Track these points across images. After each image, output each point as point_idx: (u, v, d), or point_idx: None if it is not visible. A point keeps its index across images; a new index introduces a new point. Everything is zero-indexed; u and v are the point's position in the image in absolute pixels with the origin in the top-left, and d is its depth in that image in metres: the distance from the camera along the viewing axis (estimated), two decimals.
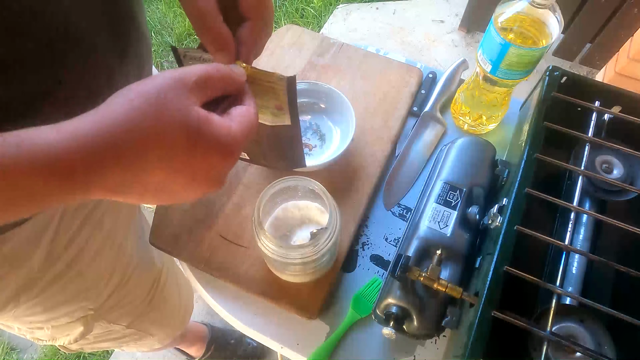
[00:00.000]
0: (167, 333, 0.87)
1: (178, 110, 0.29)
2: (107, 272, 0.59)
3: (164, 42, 1.90)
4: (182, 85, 0.30)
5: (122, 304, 0.65)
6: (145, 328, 0.76)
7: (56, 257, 0.50)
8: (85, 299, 0.59)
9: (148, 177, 0.29)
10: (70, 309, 0.58)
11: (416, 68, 0.73)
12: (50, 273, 0.51)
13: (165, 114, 0.28)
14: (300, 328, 0.55)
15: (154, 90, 0.28)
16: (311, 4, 1.99)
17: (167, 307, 0.79)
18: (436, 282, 0.45)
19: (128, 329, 0.71)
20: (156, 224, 0.61)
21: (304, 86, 0.66)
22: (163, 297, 0.75)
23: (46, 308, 0.55)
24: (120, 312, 0.66)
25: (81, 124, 0.26)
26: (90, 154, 0.26)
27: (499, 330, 0.39)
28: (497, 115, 0.66)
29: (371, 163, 0.64)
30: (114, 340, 0.73)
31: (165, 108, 0.28)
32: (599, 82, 0.54)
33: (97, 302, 0.61)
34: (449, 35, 1.88)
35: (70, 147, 0.25)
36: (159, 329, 0.82)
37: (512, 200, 0.45)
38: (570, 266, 0.48)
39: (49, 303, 0.54)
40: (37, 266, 0.49)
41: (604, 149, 0.50)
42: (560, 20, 0.52)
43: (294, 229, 0.55)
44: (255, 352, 1.23)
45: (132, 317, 0.70)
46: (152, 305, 0.72)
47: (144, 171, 0.29)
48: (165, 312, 0.80)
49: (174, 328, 0.89)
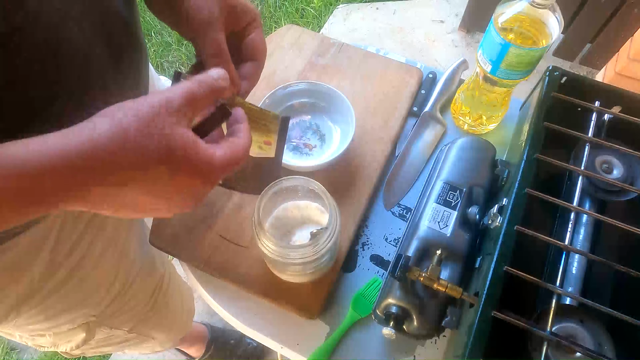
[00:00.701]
0: (169, 337, 0.86)
1: (165, 136, 0.29)
2: (109, 278, 0.59)
3: (164, 42, 1.90)
4: (167, 109, 0.30)
5: (124, 310, 0.65)
6: (147, 332, 0.76)
7: (57, 265, 0.50)
8: (87, 306, 0.58)
9: (126, 197, 0.30)
10: (72, 316, 0.58)
11: (416, 68, 0.73)
12: (51, 282, 0.50)
13: (151, 144, 0.29)
14: (300, 328, 0.55)
15: (141, 117, 0.29)
16: (311, 4, 1.99)
17: (170, 311, 0.79)
18: (436, 282, 0.45)
19: (130, 333, 0.71)
20: (156, 224, 0.61)
21: (304, 86, 0.66)
22: (165, 302, 0.75)
23: (48, 316, 0.54)
24: (122, 317, 0.66)
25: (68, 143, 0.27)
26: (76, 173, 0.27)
27: (499, 330, 0.39)
28: (497, 115, 0.66)
29: (371, 163, 0.64)
30: (116, 344, 0.73)
31: (151, 136, 0.29)
32: (599, 82, 0.54)
33: (99, 309, 0.60)
34: (449, 35, 1.88)
35: (56, 166, 0.26)
36: (161, 333, 0.82)
37: (512, 200, 0.45)
38: (570, 266, 0.48)
39: (51, 311, 0.54)
40: (38, 275, 0.48)
41: (604, 149, 0.50)
42: (560, 20, 0.52)
43: (294, 229, 0.55)
44: (255, 352, 1.23)
45: (134, 322, 0.70)
46: (155, 309, 0.72)
47: (124, 192, 0.30)
48: (168, 316, 0.79)
49: (177, 332, 0.88)
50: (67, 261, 0.50)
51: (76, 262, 0.52)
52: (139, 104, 0.30)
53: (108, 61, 0.41)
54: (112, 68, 0.42)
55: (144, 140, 0.29)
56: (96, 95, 0.40)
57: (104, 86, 0.41)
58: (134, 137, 0.28)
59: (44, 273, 0.49)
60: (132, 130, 0.28)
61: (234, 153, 0.34)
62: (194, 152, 0.31)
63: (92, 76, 0.39)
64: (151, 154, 0.29)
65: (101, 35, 0.39)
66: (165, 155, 0.29)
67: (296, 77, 0.72)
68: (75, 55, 0.36)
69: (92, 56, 0.38)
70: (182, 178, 0.31)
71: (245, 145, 0.35)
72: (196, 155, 0.31)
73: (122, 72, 0.44)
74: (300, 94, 0.66)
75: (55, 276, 0.50)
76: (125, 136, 0.28)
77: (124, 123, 0.28)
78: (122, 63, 0.43)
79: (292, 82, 0.66)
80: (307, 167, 0.60)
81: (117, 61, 0.42)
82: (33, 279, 0.48)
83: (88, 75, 0.39)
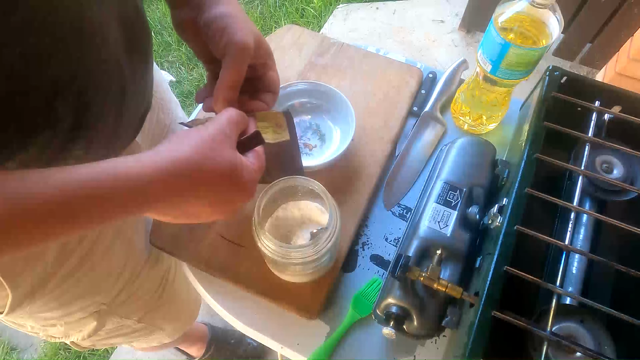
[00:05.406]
0: (177, 327, 0.88)
1: (226, 157, 0.38)
2: (118, 267, 0.61)
3: (164, 42, 1.90)
4: (224, 136, 0.39)
5: (133, 299, 0.66)
6: (155, 322, 0.77)
7: (69, 251, 0.52)
8: (98, 293, 0.60)
9: (192, 208, 0.38)
10: (84, 304, 0.59)
11: (416, 68, 0.73)
12: (64, 268, 0.52)
13: (219, 164, 0.37)
14: (300, 328, 0.55)
15: (208, 139, 0.37)
16: (311, 4, 1.99)
17: (177, 301, 0.80)
18: (436, 282, 0.45)
19: (139, 323, 0.72)
20: (156, 223, 0.61)
21: (304, 86, 0.66)
22: (173, 291, 0.76)
23: (61, 303, 0.56)
24: (131, 306, 0.67)
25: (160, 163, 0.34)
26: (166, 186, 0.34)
27: (499, 330, 0.39)
28: (497, 115, 0.66)
29: (371, 163, 0.64)
30: (125, 335, 0.74)
31: (218, 158, 0.37)
32: (599, 82, 0.54)
33: (109, 297, 0.62)
34: (449, 35, 1.88)
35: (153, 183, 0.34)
36: (169, 323, 0.83)
37: (512, 200, 0.45)
38: (570, 266, 0.48)
39: (64, 298, 0.56)
40: (51, 261, 0.50)
41: (604, 149, 0.50)
42: (560, 20, 0.52)
43: (294, 229, 0.55)
44: (255, 352, 1.23)
45: (143, 312, 0.71)
46: (163, 299, 0.74)
47: (191, 203, 0.37)
48: (175, 306, 0.81)
49: (184, 322, 0.90)
50: (78, 247, 0.52)
51: (87, 249, 0.53)
52: (201, 132, 0.38)
53: (123, 45, 0.43)
54: (125, 52, 0.43)
55: (215, 163, 0.36)
56: (112, 77, 0.42)
57: (120, 69, 0.43)
58: (209, 158, 0.36)
59: (57, 259, 0.51)
60: (206, 152, 0.36)
61: (261, 162, 0.42)
62: (247, 169, 0.39)
63: (109, 58, 0.41)
64: (221, 172, 0.37)
65: (117, 19, 0.41)
66: (229, 173, 0.37)
67: (296, 77, 0.72)
68: (95, 36, 0.38)
69: (109, 39, 0.40)
70: (236, 190, 0.39)
71: (262, 150, 0.44)
72: (248, 171, 0.39)
73: (134, 56, 0.45)
74: (300, 94, 0.66)
75: (67, 263, 0.52)
76: (201, 158, 0.36)
77: (198, 148, 0.36)
78: (134, 48, 0.45)
79: (292, 82, 0.66)
80: (307, 167, 0.60)
81: (130, 45, 0.44)
82: (46, 264, 0.50)
83: (105, 57, 0.40)
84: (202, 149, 0.36)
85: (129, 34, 0.44)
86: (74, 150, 0.41)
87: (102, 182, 0.31)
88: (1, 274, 0.46)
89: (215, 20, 0.45)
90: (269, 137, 0.48)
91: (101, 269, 0.57)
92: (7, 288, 0.48)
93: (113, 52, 0.41)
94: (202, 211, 0.39)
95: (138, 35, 0.46)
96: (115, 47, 0.41)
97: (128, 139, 0.51)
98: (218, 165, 0.37)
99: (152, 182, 0.33)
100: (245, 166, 0.39)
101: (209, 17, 0.45)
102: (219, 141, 0.38)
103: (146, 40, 0.49)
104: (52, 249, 0.50)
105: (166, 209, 0.37)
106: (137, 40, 0.46)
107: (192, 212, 0.39)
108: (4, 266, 0.46)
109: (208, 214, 0.40)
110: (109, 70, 0.41)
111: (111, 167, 0.32)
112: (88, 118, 0.40)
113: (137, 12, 0.45)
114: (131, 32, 0.44)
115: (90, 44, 0.37)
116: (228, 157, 0.37)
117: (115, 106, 0.44)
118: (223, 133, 0.38)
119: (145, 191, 0.33)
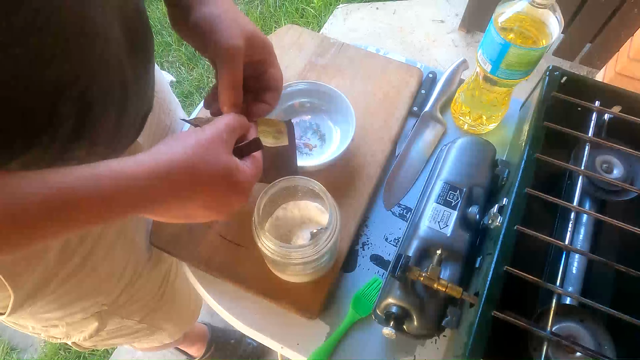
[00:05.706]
0: (179, 327, 0.88)
1: (222, 161, 0.38)
2: (120, 267, 0.61)
3: (164, 42, 1.90)
4: (220, 140, 0.39)
5: (134, 299, 0.66)
6: (157, 323, 0.77)
7: (71, 252, 0.52)
8: (99, 294, 0.60)
9: (187, 209, 0.39)
10: (86, 305, 0.59)
11: (416, 68, 0.73)
12: (66, 269, 0.52)
13: (215, 168, 0.38)
14: (300, 328, 0.55)
15: (205, 146, 0.38)
16: (311, 4, 1.99)
17: (178, 301, 0.80)
18: (436, 282, 0.45)
19: (140, 324, 0.72)
20: (157, 224, 0.61)
21: (304, 86, 0.66)
22: (174, 291, 0.76)
23: (62, 304, 0.56)
24: (133, 307, 0.67)
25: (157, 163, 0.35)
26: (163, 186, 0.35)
27: (499, 330, 0.39)
28: (497, 115, 0.66)
29: (371, 163, 0.64)
30: (127, 336, 0.74)
31: (215, 162, 0.38)
32: (599, 82, 0.54)
33: (111, 298, 0.62)
34: (449, 35, 1.88)
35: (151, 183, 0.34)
36: (171, 324, 0.83)
37: (512, 200, 0.45)
38: (571, 266, 0.48)
39: (65, 299, 0.56)
40: (53, 262, 0.50)
41: (604, 149, 0.50)
42: (560, 20, 0.52)
43: (294, 229, 0.55)
44: (255, 352, 1.23)
45: (144, 312, 0.71)
46: (164, 299, 0.74)
47: (187, 204, 0.38)
48: (176, 306, 0.81)
49: (185, 322, 0.90)
50: (80, 248, 0.52)
51: (88, 250, 0.53)
52: (199, 135, 0.38)
53: (125, 45, 0.43)
54: (128, 52, 0.43)
55: (210, 165, 0.37)
56: (115, 78, 0.42)
57: (122, 70, 0.43)
58: (205, 161, 0.37)
59: (59, 259, 0.51)
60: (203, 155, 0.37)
61: (257, 168, 0.43)
62: (243, 173, 0.40)
63: (111, 59, 0.41)
64: (217, 174, 0.38)
65: (119, 19, 0.41)
66: (225, 176, 0.38)
67: (296, 77, 0.72)
68: (97, 36, 0.38)
69: (111, 40, 0.40)
70: (231, 193, 0.40)
71: (260, 156, 0.44)
72: (244, 175, 0.40)
73: (136, 56, 0.45)
74: (300, 94, 0.66)
75: (69, 264, 0.52)
76: (198, 161, 0.37)
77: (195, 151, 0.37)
78: (137, 48, 0.45)
79: (292, 82, 0.66)
80: (307, 167, 0.60)
81: (132, 46, 0.44)
82: (48, 265, 0.50)
83: (108, 57, 0.40)
84: (198, 152, 0.37)
85: (131, 34, 0.44)
86: (76, 150, 0.41)
87: (100, 183, 0.32)
88: (3, 275, 0.46)
89: (202, 22, 0.45)
90: (268, 141, 0.49)
91: (103, 269, 0.57)
92: (9, 289, 0.48)
93: (115, 53, 0.41)
94: (198, 212, 0.40)
95: (140, 36, 0.46)
96: (117, 48, 0.41)
97: (130, 140, 0.51)
98: (213, 167, 0.38)
99: (150, 183, 0.34)
100: (241, 170, 0.40)
101: (196, 18, 0.45)
102: (216, 145, 0.39)
103: (148, 40, 0.49)
104: (54, 250, 0.50)
105: (163, 210, 0.37)
106: (139, 41, 0.46)
107: (189, 213, 0.39)
108: (5, 267, 0.46)
109: (204, 215, 0.40)
110: (111, 70, 0.41)
111: (109, 168, 0.33)
112: (90, 118, 0.40)
113: (139, 12, 0.45)
114: (133, 33, 0.44)
115: (92, 45, 0.37)
116: (223, 160, 0.38)
117: (118, 107, 0.44)
118: (220, 137, 0.39)
119: (143, 192, 0.34)
